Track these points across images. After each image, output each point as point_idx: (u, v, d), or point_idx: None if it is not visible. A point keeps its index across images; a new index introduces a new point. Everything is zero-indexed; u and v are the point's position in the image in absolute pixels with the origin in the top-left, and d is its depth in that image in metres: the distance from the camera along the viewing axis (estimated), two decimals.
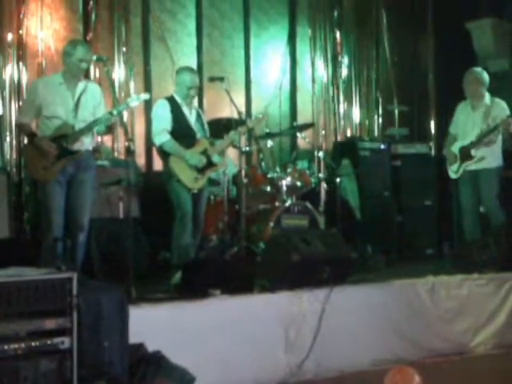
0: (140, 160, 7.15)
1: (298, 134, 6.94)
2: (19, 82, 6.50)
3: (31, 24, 6.64)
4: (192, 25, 7.84)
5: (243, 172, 5.82)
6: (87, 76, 6.71)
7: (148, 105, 6.89)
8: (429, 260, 7.26)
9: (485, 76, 6.51)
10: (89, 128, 5.07)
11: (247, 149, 6.24)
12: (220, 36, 8.04)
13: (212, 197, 6.16)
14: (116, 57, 7.15)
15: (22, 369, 3.24)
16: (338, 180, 6.70)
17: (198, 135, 5.76)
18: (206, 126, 5.97)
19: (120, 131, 6.70)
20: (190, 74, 5.80)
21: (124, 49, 7.21)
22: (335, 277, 4.81)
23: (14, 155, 6.42)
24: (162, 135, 5.57)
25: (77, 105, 5.10)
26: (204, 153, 5.65)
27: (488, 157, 6.30)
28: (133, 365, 3.68)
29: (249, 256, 5.50)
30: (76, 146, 5.05)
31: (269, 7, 8.44)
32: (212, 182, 6.33)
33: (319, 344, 4.61)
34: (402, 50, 9.17)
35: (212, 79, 6.07)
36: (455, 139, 6.57)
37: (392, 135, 8.63)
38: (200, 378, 3.89)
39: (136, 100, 5.16)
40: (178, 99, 5.72)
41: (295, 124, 7.78)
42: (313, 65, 8.60)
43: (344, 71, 8.76)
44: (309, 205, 6.06)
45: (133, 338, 3.74)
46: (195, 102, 6.41)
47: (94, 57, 5.54)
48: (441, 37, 9.07)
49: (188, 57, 7.71)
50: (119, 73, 7.13)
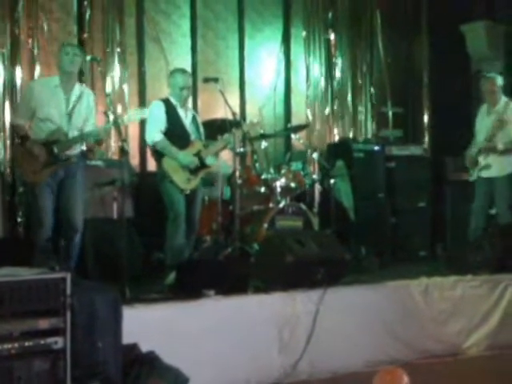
0: (134, 160, 7.15)
1: (293, 136, 6.95)
2: (13, 83, 6.49)
3: (25, 25, 6.63)
4: (186, 26, 7.84)
5: (237, 173, 5.83)
6: (81, 77, 6.72)
7: (142, 105, 6.89)
8: (422, 261, 7.27)
9: (499, 81, 6.53)
10: (81, 139, 5.08)
11: (241, 150, 6.24)
12: (214, 37, 8.05)
13: (206, 198, 6.16)
14: (110, 58, 7.14)
15: (16, 369, 3.23)
16: (332, 181, 6.71)
17: (193, 137, 5.77)
18: (202, 129, 5.99)
19: (114, 132, 6.68)
20: (182, 75, 5.81)
21: (118, 49, 7.20)
22: (329, 278, 4.81)
23: (8, 155, 6.40)
24: (156, 135, 5.59)
25: (71, 111, 5.09)
26: (197, 154, 5.66)
27: (494, 165, 6.32)
28: (126, 365, 3.67)
29: (243, 257, 5.49)
30: (67, 153, 5.05)
31: (263, 8, 8.45)
32: (206, 183, 6.34)
33: (313, 345, 4.61)
34: (396, 52, 9.19)
35: (206, 80, 6.08)
36: (475, 140, 6.59)
37: (386, 137, 8.63)
38: (194, 379, 3.88)
39: (132, 118, 5.17)
40: (173, 101, 5.74)
41: (289, 125, 7.78)
42: (307, 66, 8.61)
43: (338, 73, 8.77)
44: (303, 206, 6.07)
45: (127, 339, 3.73)
46: (189, 104, 6.42)
47: (89, 57, 5.54)
48: (435, 39, 9.10)
49: (182, 58, 7.71)
50: (113, 74, 7.13)
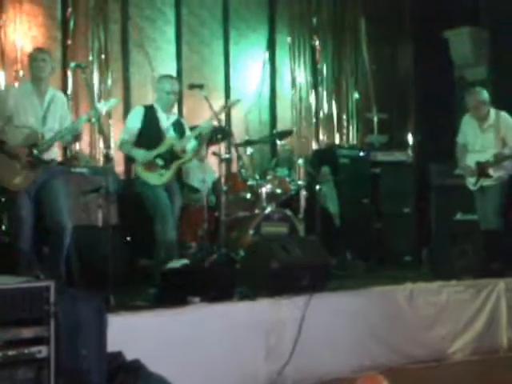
0: (119, 167, 7.13)
1: (278, 142, 6.96)
2: None
3: (9, 31, 6.62)
4: (171, 32, 7.85)
5: (223, 179, 5.82)
6: (66, 84, 6.71)
7: (126, 112, 6.88)
8: (407, 267, 7.28)
9: (485, 95, 6.48)
10: (59, 137, 5.04)
11: (227, 156, 6.25)
12: (199, 43, 8.06)
13: (192, 203, 6.16)
14: (95, 64, 7.13)
15: None
16: (318, 187, 6.72)
17: (168, 136, 5.68)
18: (188, 129, 5.91)
19: (98, 139, 6.68)
20: (170, 80, 5.81)
21: (103, 56, 7.20)
22: (314, 284, 4.82)
23: None
24: (121, 140, 5.61)
25: (46, 114, 5.07)
26: (171, 149, 5.58)
27: (503, 176, 6.37)
28: (111, 373, 3.65)
29: (228, 263, 5.49)
30: (47, 156, 5.02)
31: (248, 15, 8.48)
32: (192, 190, 6.33)
33: (299, 351, 4.60)
34: (381, 58, 9.25)
35: (191, 87, 6.08)
36: (466, 149, 6.58)
37: (371, 143, 8.67)
38: None
39: (104, 106, 5.13)
40: (157, 106, 5.71)
41: (275, 131, 7.80)
42: (292, 72, 8.64)
43: (323, 79, 8.80)
44: (288, 212, 6.07)
45: (111, 347, 3.70)
46: (175, 110, 6.40)
47: (73, 64, 5.51)
48: (419, 45, 9.14)
49: (167, 64, 7.72)
50: (98, 80, 7.11)
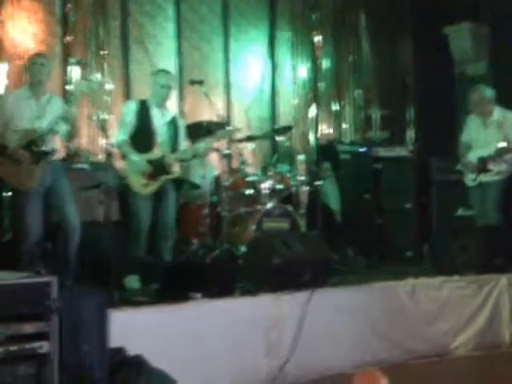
0: (119, 163, 7.10)
1: (278, 137, 6.95)
2: None
3: (9, 27, 6.60)
4: (171, 28, 7.84)
5: (224, 175, 5.81)
6: (65, 80, 6.70)
7: None
8: (409, 262, 7.28)
9: (489, 92, 6.51)
10: (53, 125, 5.03)
11: (228, 152, 6.24)
12: (199, 39, 8.04)
13: (193, 200, 6.15)
14: (95, 60, 7.11)
15: (1, 373, 3.20)
16: (319, 183, 6.71)
17: (161, 139, 5.64)
18: (183, 131, 5.87)
19: (98, 134, 6.67)
20: (166, 75, 5.79)
21: (103, 52, 7.18)
22: (316, 279, 4.81)
23: None
24: (118, 137, 5.56)
25: (40, 113, 5.06)
26: (160, 159, 5.56)
27: (504, 172, 6.36)
28: (113, 369, 3.65)
29: (230, 259, 5.48)
30: (47, 147, 5.03)
31: (248, 11, 8.46)
32: (192, 186, 6.32)
33: (300, 347, 4.60)
34: (381, 54, 9.23)
35: (192, 83, 6.07)
36: (469, 148, 6.59)
37: (372, 139, 8.67)
38: (181, 382, 3.86)
39: (85, 82, 5.10)
40: (151, 101, 5.68)
41: (275, 127, 7.78)
42: (293, 68, 8.63)
43: (324, 75, 8.79)
44: (290, 208, 6.06)
45: (113, 342, 3.70)
46: (173, 106, 6.37)
47: (73, 60, 5.51)
48: (419, 41, 9.14)
49: (167, 60, 7.70)
50: (98, 76, 7.10)
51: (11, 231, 5.98)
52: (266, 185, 6.04)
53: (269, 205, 5.94)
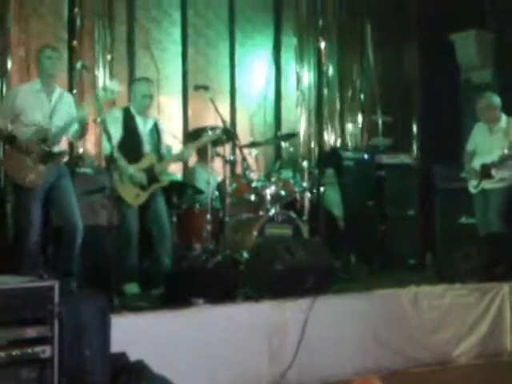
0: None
1: (282, 144, 6.96)
2: (2, 89, 6.47)
3: (16, 30, 6.62)
4: (177, 33, 7.84)
5: (227, 181, 5.83)
6: (71, 84, 6.72)
7: None
8: (411, 270, 7.26)
9: (496, 99, 6.54)
10: (67, 126, 5.06)
11: (231, 158, 6.25)
12: (205, 45, 8.04)
13: (197, 205, 6.16)
14: (101, 65, 7.13)
15: (3, 378, 3.20)
16: (322, 189, 6.72)
17: (148, 148, 5.66)
18: (164, 138, 5.89)
19: (103, 139, 6.66)
20: (146, 83, 5.80)
21: (109, 57, 7.19)
22: (318, 286, 4.81)
23: None
24: (111, 151, 5.28)
25: (53, 111, 5.10)
26: (150, 168, 5.57)
27: (507, 179, 6.36)
28: (115, 374, 3.65)
29: (232, 265, 5.49)
30: (57, 149, 5.06)
31: (254, 16, 8.46)
32: (196, 191, 6.33)
33: (302, 353, 4.60)
34: (386, 60, 9.22)
35: (197, 88, 6.09)
36: (473, 156, 6.61)
37: (376, 145, 8.66)
38: None
39: (104, 91, 5.10)
40: (133, 110, 5.68)
41: (279, 133, 7.79)
42: (297, 74, 8.63)
43: (328, 81, 8.79)
44: (292, 214, 6.07)
45: (115, 347, 3.71)
46: (177, 111, 6.37)
47: (79, 64, 5.52)
48: (425, 48, 9.14)
49: (173, 65, 7.72)
50: (103, 81, 7.11)
51: (14, 229, 6.01)
52: (269, 191, 6.05)
53: (272, 211, 5.95)
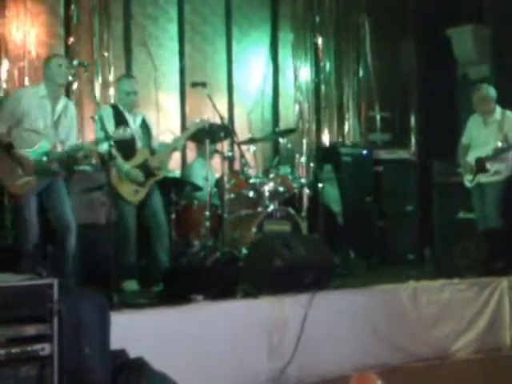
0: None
1: (280, 140, 6.95)
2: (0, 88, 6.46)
3: (12, 28, 6.60)
4: (174, 30, 7.83)
5: (225, 177, 5.82)
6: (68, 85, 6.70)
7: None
8: (410, 265, 7.28)
9: (492, 91, 6.54)
10: (71, 153, 5.05)
11: (230, 154, 6.25)
12: (202, 41, 8.04)
13: (196, 202, 6.16)
14: (97, 62, 7.12)
15: (2, 376, 3.20)
16: (321, 185, 6.72)
17: (139, 144, 5.67)
18: (154, 133, 5.93)
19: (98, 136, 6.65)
20: (128, 80, 5.83)
21: (105, 54, 7.18)
22: (317, 282, 4.82)
23: None
24: (104, 144, 5.26)
25: (57, 122, 5.08)
26: (144, 163, 5.58)
27: (502, 171, 6.36)
28: (114, 371, 3.65)
29: (231, 261, 5.49)
30: (54, 166, 5.02)
31: (251, 12, 8.45)
32: (194, 188, 6.33)
33: (302, 349, 4.60)
34: (383, 56, 9.22)
35: (194, 85, 6.07)
36: (468, 149, 6.61)
37: (374, 141, 8.67)
38: None
39: (120, 134, 5.08)
40: (121, 107, 5.69)
41: (277, 129, 7.79)
42: (295, 70, 8.62)
43: (326, 77, 8.79)
44: (291, 210, 6.06)
45: (115, 344, 3.71)
46: (175, 108, 6.36)
47: (76, 62, 5.52)
48: (422, 43, 9.13)
49: (170, 62, 7.71)
50: (100, 78, 7.10)
51: (13, 232, 6.00)
52: (268, 187, 6.04)
53: (270, 207, 5.95)
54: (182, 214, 6.08)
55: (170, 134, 6.47)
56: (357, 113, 9.00)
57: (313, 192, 6.76)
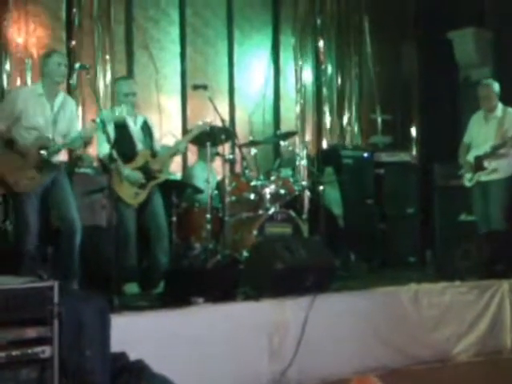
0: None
1: (282, 142, 6.96)
2: (2, 90, 6.47)
3: (14, 32, 6.62)
4: (175, 32, 7.84)
5: (227, 180, 5.83)
6: (69, 84, 6.71)
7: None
8: (411, 268, 7.29)
9: (496, 87, 6.56)
10: (70, 142, 5.07)
11: (231, 157, 6.25)
12: (203, 44, 8.05)
13: (197, 204, 6.17)
14: (99, 65, 7.13)
15: (3, 378, 3.20)
16: (322, 188, 6.72)
17: (140, 146, 5.67)
18: (156, 135, 5.92)
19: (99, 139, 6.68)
20: (126, 82, 5.82)
21: (107, 57, 7.19)
22: (318, 285, 4.82)
23: None
24: (104, 148, 5.30)
25: (56, 118, 5.08)
26: (145, 165, 5.58)
27: (500, 169, 6.36)
28: (115, 374, 3.65)
29: (232, 264, 5.49)
30: (56, 159, 5.05)
31: (252, 15, 8.47)
32: (195, 190, 6.33)
33: (302, 352, 4.60)
34: (385, 58, 9.23)
35: (195, 87, 6.08)
36: (469, 148, 6.63)
37: (375, 143, 8.67)
38: None
39: (112, 113, 5.09)
40: (120, 109, 5.68)
41: (278, 132, 7.79)
42: (296, 73, 8.63)
43: (327, 79, 8.80)
44: (292, 213, 6.06)
45: (115, 347, 3.71)
46: (176, 110, 6.36)
47: (77, 65, 5.53)
48: (423, 46, 9.14)
49: (171, 64, 7.72)
50: (102, 81, 7.12)
51: (13, 233, 6.01)
52: (269, 190, 6.05)
53: (271, 210, 5.95)
54: (183, 217, 6.08)
55: (172, 137, 6.47)
56: (358, 115, 9.00)
57: (314, 194, 6.76)
